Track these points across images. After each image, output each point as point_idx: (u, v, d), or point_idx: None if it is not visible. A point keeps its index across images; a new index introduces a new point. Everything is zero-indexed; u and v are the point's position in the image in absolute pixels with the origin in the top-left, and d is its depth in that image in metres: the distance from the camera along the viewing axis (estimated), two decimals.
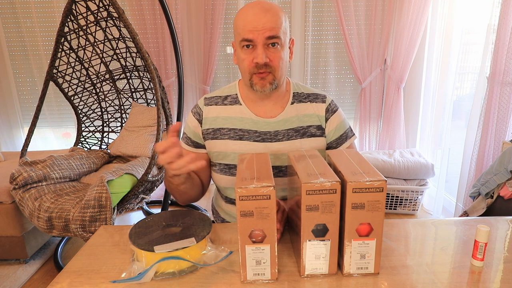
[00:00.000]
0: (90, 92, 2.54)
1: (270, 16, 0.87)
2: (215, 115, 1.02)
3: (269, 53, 0.89)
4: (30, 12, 2.73)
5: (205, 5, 2.71)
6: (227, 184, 1.03)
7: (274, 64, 0.90)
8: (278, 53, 0.90)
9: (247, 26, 0.87)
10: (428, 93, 2.70)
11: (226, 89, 1.06)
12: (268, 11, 0.87)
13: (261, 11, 0.87)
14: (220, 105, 1.03)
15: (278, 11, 0.90)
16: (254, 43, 0.88)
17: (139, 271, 0.70)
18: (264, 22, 0.86)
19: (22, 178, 1.73)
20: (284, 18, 0.91)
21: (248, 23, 0.87)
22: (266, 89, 0.93)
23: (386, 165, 2.46)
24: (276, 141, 0.99)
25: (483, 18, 2.20)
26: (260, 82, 0.92)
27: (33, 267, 1.97)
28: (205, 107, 1.04)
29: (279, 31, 0.88)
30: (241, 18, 0.89)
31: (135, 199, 1.98)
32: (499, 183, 1.55)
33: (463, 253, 0.78)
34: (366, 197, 0.65)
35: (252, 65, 0.90)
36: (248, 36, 0.88)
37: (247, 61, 0.91)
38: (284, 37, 0.91)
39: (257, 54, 0.88)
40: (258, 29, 0.86)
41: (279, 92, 1.00)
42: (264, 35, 0.87)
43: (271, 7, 0.89)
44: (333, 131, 1.02)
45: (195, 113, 1.05)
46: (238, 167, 0.74)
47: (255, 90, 0.94)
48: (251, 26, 0.87)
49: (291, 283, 0.69)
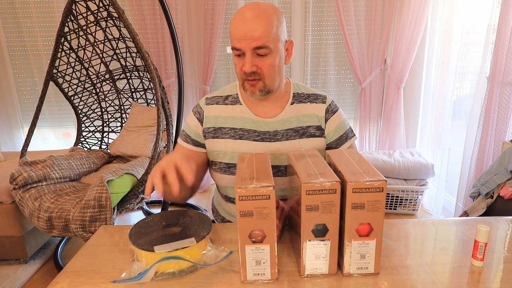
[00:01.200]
0: (90, 92, 2.54)
1: (258, 24, 0.85)
2: (216, 114, 1.03)
3: (258, 61, 0.89)
4: (30, 12, 2.73)
5: (205, 5, 2.71)
6: (227, 183, 1.03)
7: (263, 72, 0.90)
8: (267, 61, 0.89)
9: (236, 34, 0.87)
10: (428, 93, 2.70)
11: (227, 89, 1.06)
12: (256, 17, 0.85)
13: (250, 18, 0.85)
14: (221, 104, 1.03)
15: (269, 16, 0.86)
16: (243, 51, 0.88)
17: (139, 271, 0.70)
18: (252, 31, 0.85)
19: (22, 178, 1.73)
20: (277, 22, 0.88)
21: (237, 31, 0.87)
22: (256, 95, 0.94)
23: (386, 165, 2.46)
24: (275, 141, 0.99)
25: (483, 18, 2.20)
26: (251, 89, 0.93)
27: (33, 267, 1.97)
28: (206, 106, 1.04)
29: (268, 39, 0.86)
30: (232, 25, 0.89)
31: (135, 199, 1.98)
32: (499, 183, 1.55)
33: (463, 253, 0.78)
34: (366, 197, 0.65)
35: (242, 72, 0.91)
36: (236, 45, 0.88)
37: (238, 68, 0.92)
38: (275, 44, 0.89)
39: (244, 63, 0.89)
40: (246, 38, 0.86)
41: (277, 93, 1.00)
42: (251, 45, 0.86)
43: (261, 13, 0.86)
44: (333, 131, 1.02)
45: (195, 112, 1.05)
46: (238, 167, 0.74)
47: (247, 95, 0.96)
48: (239, 34, 0.86)
49: (291, 283, 0.69)
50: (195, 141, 1.05)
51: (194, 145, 1.05)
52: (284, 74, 1.00)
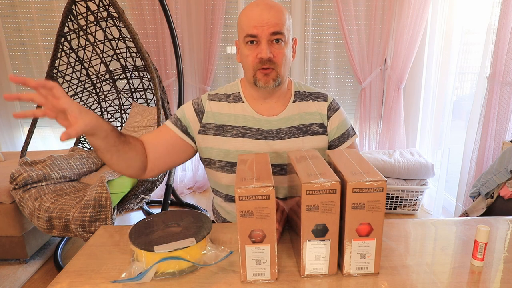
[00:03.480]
0: (90, 92, 2.54)
1: (274, 12, 0.88)
2: (218, 111, 1.01)
3: (273, 49, 0.90)
4: (30, 12, 2.73)
5: (205, 5, 2.71)
6: (229, 182, 1.02)
7: (277, 60, 0.91)
8: (282, 49, 0.91)
9: (251, 22, 0.88)
10: (428, 93, 2.70)
11: (228, 87, 1.05)
12: (272, 7, 0.89)
13: (266, 7, 0.89)
14: (224, 101, 1.02)
15: (282, 9, 0.91)
16: (258, 38, 0.89)
17: (139, 271, 0.70)
18: (269, 18, 0.88)
19: (22, 178, 1.73)
20: (288, 16, 0.92)
21: (253, 19, 0.88)
22: (270, 85, 0.93)
23: (386, 165, 2.46)
24: (278, 139, 0.99)
25: (483, 18, 2.20)
26: (264, 78, 0.92)
27: (33, 267, 1.97)
28: (208, 101, 1.02)
29: (283, 27, 0.89)
30: (246, 15, 0.90)
31: (135, 199, 1.98)
32: (499, 183, 1.55)
33: (463, 253, 0.78)
34: (366, 197, 0.65)
35: (256, 60, 0.91)
36: (252, 31, 0.88)
37: (251, 57, 0.91)
38: (288, 35, 0.92)
39: (261, 49, 0.89)
40: (262, 25, 0.88)
41: (281, 90, 1.00)
42: (268, 30, 0.88)
43: (275, 4, 0.91)
44: (335, 129, 1.02)
45: (194, 103, 1.02)
46: (238, 167, 0.73)
47: (258, 86, 0.94)
48: (256, 21, 0.88)
49: (291, 283, 0.69)
50: (184, 128, 1.01)
51: (182, 131, 1.01)
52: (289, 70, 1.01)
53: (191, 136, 1.02)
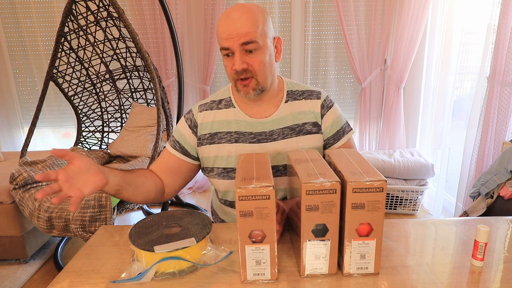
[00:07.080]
0: (90, 92, 2.54)
1: (244, 21, 0.85)
2: (211, 120, 1.01)
3: (248, 59, 0.88)
4: (30, 12, 2.73)
5: (205, 5, 2.71)
6: (226, 188, 1.02)
7: (254, 68, 0.89)
8: (257, 57, 0.89)
9: (222, 34, 0.87)
10: (428, 93, 2.70)
11: (219, 93, 1.05)
12: (242, 15, 0.85)
13: (236, 17, 0.85)
14: (215, 109, 1.02)
15: (255, 13, 0.87)
16: (231, 50, 0.88)
17: (139, 271, 0.70)
18: (238, 28, 0.85)
19: (22, 178, 1.73)
20: (263, 19, 0.88)
21: (223, 32, 0.87)
22: (250, 95, 0.93)
23: (386, 165, 2.46)
24: (272, 140, 0.98)
25: (483, 18, 2.20)
26: (244, 89, 0.92)
27: (33, 267, 1.97)
28: (199, 113, 1.02)
29: (256, 35, 0.86)
30: (218, 26, 0.89)
31: None
32: (499, 183, 1.55)
33: (463, 253, 0.78)
34: (366, 197, 0.65)
35: (233, 72, 0.90)
36: (224, 44, 0.87)
37: (229, 68, 0.91)
38: (264, 40, 0.88)
39: (234, 61, 0.88)
40: (233, 36, 0.85)
41: (270, 92, 0.99)
42: (239, 41, 0.86)
43: (246, 10, 0.86)
44: (330, 127, 1.01)
45: (187, 119, 1.03)
46: (238, 167, 0.73)
47: (241, 96, 0.95)
48: (226, 34, 0.86)
49: (291, 283, 0.69)
50: (184, 149, 1.03)
51: (182, 153, 1.03)
52: (276, 72, 1.00)
53: (191, 156, 1.03)
